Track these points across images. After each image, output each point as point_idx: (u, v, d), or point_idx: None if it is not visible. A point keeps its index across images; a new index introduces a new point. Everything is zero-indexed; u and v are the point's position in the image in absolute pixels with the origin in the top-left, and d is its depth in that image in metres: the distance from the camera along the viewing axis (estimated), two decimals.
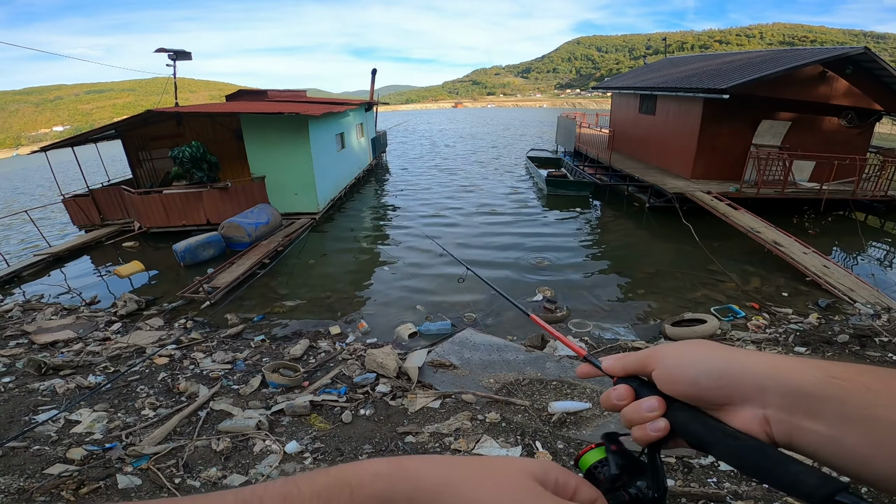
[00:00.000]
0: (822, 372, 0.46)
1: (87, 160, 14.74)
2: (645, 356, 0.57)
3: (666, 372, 0.54)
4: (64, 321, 7.57)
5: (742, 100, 12.26)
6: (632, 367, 0.58)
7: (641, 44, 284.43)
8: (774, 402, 0.47)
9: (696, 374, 0.52)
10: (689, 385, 0.52)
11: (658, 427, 0.52)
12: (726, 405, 0.51)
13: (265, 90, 19.86)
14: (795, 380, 0.47)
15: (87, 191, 13.84)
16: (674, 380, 0.53)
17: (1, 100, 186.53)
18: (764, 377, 0.48)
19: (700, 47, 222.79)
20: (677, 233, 11.35)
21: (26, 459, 3.79)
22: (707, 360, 0.52)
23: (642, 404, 0.54)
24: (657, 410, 0.53)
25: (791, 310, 7.34)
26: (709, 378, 0.51)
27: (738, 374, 0.50)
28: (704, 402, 0.52)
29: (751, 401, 0.49)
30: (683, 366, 0.53)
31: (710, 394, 0.51)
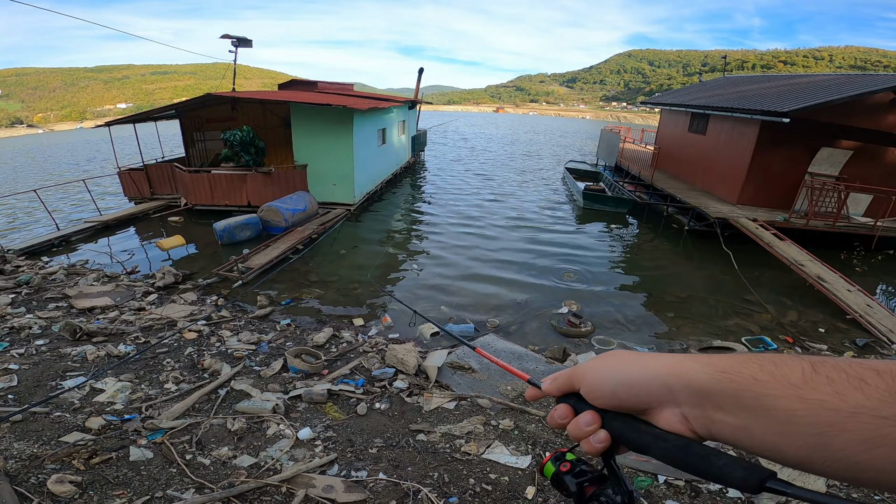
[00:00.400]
0: (712, 368, 0.49)
1: (144, 136, 15.43)
2: (569, 375, 0.61)
3: (589, 388, 0.58)
4: (104, 288, 7.93)
5: (802, 125, 11.67)
6: (563, 386, 0.61)
7: (698, 60, 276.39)
8: (684, 400, 0.51)
9: (613, 386, 0.55)
10: (611, 398, 0.56)
11: (600, 439, 0.56)
12: (649, 409, 0.54)
13: (315, 81, 20.34)
14: (693, 379, 0.50)
15: (141, 165, 14.53)
16: (597, 395, 0.57)
17: (74, 76, 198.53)
18: (668, 378, 0.51)
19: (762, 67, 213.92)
20: (715, 259, 10.97)
21: (45, 426, 3.89)
22: (619, 372, 0.56)
23: (580, 420, 0.58)
24: (594, 424, 0.57)
25: (826, 346, 7.13)
26: (623, 388, 0.55)
27: (647, 380, 0.53)
28: (630, 409, 0.55)
29: (667, 402, 0.52)
30: (601, 381, 0.57)
31: (630, 402, 0.55)
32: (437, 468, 3.65)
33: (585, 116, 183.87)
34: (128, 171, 14.31)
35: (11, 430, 3.77)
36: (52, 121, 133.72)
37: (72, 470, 3.30)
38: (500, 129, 64.17)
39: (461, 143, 40.02)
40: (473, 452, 3.88)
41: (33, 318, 6.44)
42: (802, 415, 0.41)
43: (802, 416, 0.41)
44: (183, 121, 16.39)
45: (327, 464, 3.59)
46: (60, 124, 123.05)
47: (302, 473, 3.37)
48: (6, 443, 3.58)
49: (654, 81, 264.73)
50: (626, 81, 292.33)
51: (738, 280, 9.62)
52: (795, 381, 0.43)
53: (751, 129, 12.88)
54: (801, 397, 0.42)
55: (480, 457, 3.84)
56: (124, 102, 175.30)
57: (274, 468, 3.49)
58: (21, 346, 5.56)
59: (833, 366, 0.43)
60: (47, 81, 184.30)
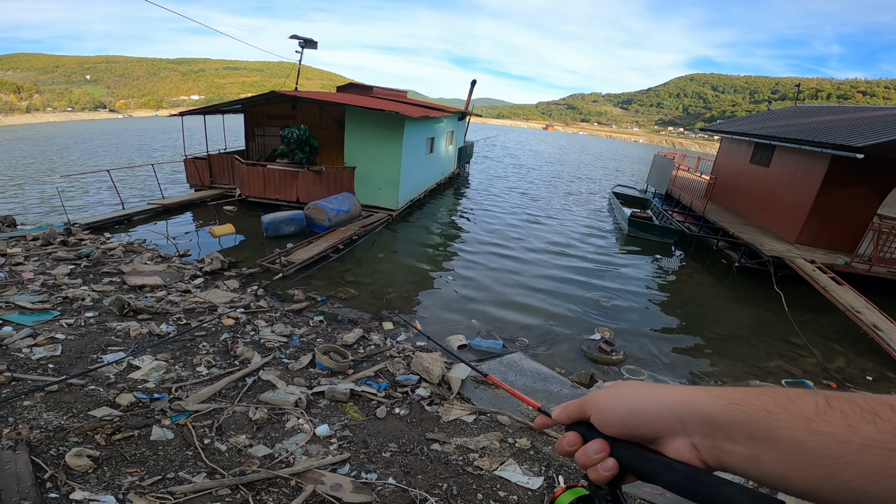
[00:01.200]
0: (724, 399, 0.50)
1: (211, 128, 16.34)
2: (581, 403, 0.62)
3: (600, 416, 0.59)
4: (156, 268, 8.41)
5: (876, 162, 10.89)
6: (573, 414, 0.62)
7: (767, 87, 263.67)
8: (695, 430, 0.52)
9: (624, 415, 0.57)
10: (622, 426, 0.57)
11: (608, 467, 0.57)
12: (658, 438, 0.55)
13: (371, 86, 20.93)
14: (704, 409, 0.51)
15: (205, 155, 15.39)
16: (607, 423, 0.58)
17: (156, 66, 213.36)
18: (679, 408, 0.53)
19: (839, 97, 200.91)
20: (763, 298, 10.41)
21: (78, 398, 4.07)
22: (630, 402, 0.57)
23: (588, 448, 0.59)
24: (602, 452, 0.58)
25: (872, 394, 6.60)
26: (634, 417, 0.56)
27: (657, 409, 0.54)
28: (640, 438, 0.56)
29: (677, 431, 0.53)
30: (612, 409, 0.58)
31: (640, 431, 0.56)
32: (447, 479, 3.63)
33: (638, 140, 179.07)
34: (192, 160, 15.22)
35: (45, 399, 3.97)
36: (132, 107, 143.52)
37: (93, 444, 3.42)
38: (549, 147, 63.56)
39: (507, 158, 39.90)
40: (486, 468, 3.84)
41: (87, 290, 6.88)
42: (813, 446, 0.43)
43: (813, 447, 0.43)
44: (247, 115, 17.33)
45: (339, 462, 3.64)
46: (139, 111, 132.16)
47: (313, 469, 3.44)
48: (36, 412, 3.76)
49: (717, 107, 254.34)
50: (686, 106, 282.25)
51: (785, 322, 9.10)
52: (808, 413, 0.44)
53: (819, 163, 12.13)
54: (814, 430, 0.43)
55: (492, 473, 3.79)
56: (197, 94, 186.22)
57: (287, 461, 3.58)
58: (71, 316, 5.92)
59: (847, 400, 0.45)
60: (132, 70, 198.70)
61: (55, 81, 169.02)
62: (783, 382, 6.78)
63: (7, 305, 5.90)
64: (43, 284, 6.84)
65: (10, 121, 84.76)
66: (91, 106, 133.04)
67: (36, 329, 5.35)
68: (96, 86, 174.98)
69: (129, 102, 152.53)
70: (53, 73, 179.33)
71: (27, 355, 4.75)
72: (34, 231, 9.56)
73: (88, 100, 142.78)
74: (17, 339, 5.05)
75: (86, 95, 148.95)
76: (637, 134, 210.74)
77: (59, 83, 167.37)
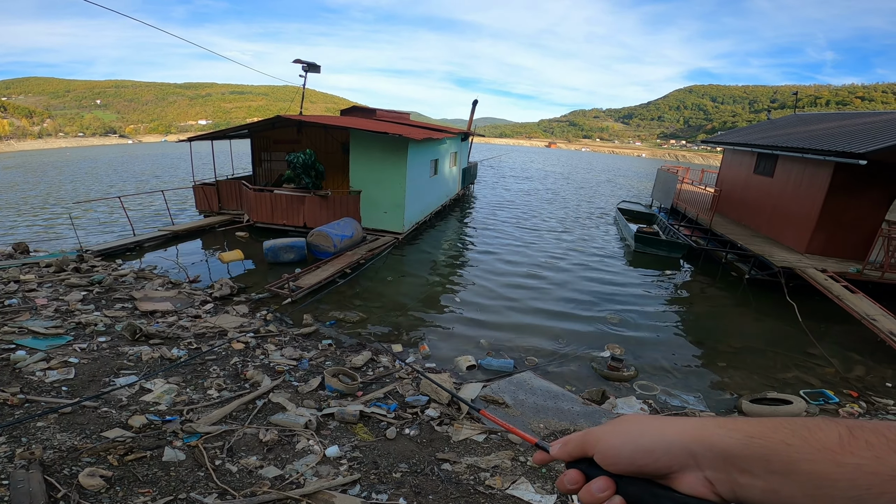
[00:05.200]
0: (740, 433, 0.49)
1: (218, 153, 16.64)
2: (581, 440, 0.60)
3: (604, 454, 0.57)
4: (167, 293, 8.52)
5: (881, 167, 10.84)
6: (574, 451, 0.60)
7: (765, 96, 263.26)
8: (708, 464, 0.50)
9: (631, 452, 0.54)
10: (629, 464, 0.54)
11: None
12: (668, 474, 0.53)
13: (375, 109, 21.28)
14: (718, 443, 0.49)
15: (214, 181, 15.67)
16: (613, 461, 0.56)
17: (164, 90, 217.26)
18: (691, 443, 0.51)
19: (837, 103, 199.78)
20: (776, 310, 10.29)
21: (91, 420, 4.12)
22: (637, 439, 0.55)
23: (592, 486, 0.56)
24: (608, 490, 0.55)
25: (893, 401, 6.64)
26: (642, 455, 0.53)
27: (666, 445, 0.52)
28: (648, 474, 0.54)
29: (689, 466, 0.51)
30: (618, 446, 0.56)
31: (649, 468, 0.53)
32: (458, 499, 3.60)
33: (641, 154, 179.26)
34: (201, 186, 15.47)
35: (58, 420, 4.03)
36: (142, 132, 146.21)
37: (105, 465, 3.46)
38: (554, 165, 63.76)
39: (511, 177, 40.06)
40: (497, 487, 3.80)
41: (100, 315, 7.00)
42: (838, 478, 0.41)
43: (838, 479, 0.41)
44: (253, 140, 17.64)
45: (350, 483, 3.63)
46: (148, 136, 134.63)
47: (324, 490, 3.43)
48: (49, 433, 3.82)
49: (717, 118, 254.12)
50: (686, 118, 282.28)
51: (800, 333, 8.99)
52: (831, 445, 0.43)
53: (823, 171, 12.09)
54: (838, 462, 0.42)
55: (504, 492, 3.76)
56: (205, 119, 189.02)
57: (297, 482, 3.57)
58: (84, 341, 6.02)
59: (872, 430, 0.43)
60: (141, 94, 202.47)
61: (66, 106, 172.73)
62: (801, 393, 6.68)
63: (21, 331, 6.00)
64: (56, 310, 6.95)
65: (23, 146, 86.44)
66: (101, 131, 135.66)
67: (49, 353, 5.43)
68: (106, 111, 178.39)
69: (138, 127, 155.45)
70: (64, 97, 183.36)
71: (41, 378, 4.83)
72: (47, 258, 9.74)
73: (99, 125, 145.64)
74: (31, 362, 5.14)
75: (96, 120, 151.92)
76: (640, 148, 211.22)
77: (69, 108, 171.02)
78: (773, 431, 0.47)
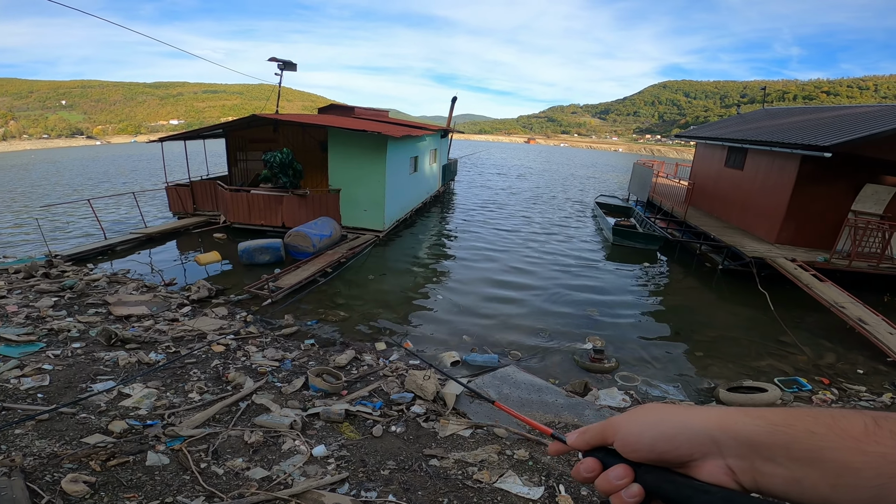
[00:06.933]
0: (764, 421, 0.49)
1: (191, 153, 16.24)
2: (601, 429, 0.60)
3: (624, 441, 0.57)
4: (142, 297, 8.32)
5: (845, 160, 11.25)
6: (593, 440, 0.60)
7: (735, 91, 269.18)
8: (730, 452, 0.50)
9: (652, 439, 0.55)
10: (649, 451, 0.55)
11: (632, 493, 0.54)
12: (689, 462, 0.53)
13: (353, 107, 21.08)
14: (742, 431, 0.50)
15: (187, 181, 15.31)
16: (633, 448, 0.56)
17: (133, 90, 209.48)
18: (714, 431, 0.51)
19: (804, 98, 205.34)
20: (749, 299, 10.60)
21: (69, 426, 4.04)
22: (658, 425, 0.55)
23: (610, 474, 0.56)
24: (625, 478, 0.55)
25: (864, 388, 6.86)
26: (664, 441, 0.54)
27: (689, 432, 0.53)
28: (667, 462, 0.54)
29: (710, 454, 0.52)
30: (638, 433, 0.56)
31: (669, 455, 0.54)
32: (447, 494, 3.63)
33: (618, 149, 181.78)
34: (174, 187, 15.11)
35: (36, 427, 3.94)
36: (110, 133, 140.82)
37: (88, 470, 3.40)
38: (533, 161, 64.25)
39: (491, 174, 40.22)
40: (485, 481, 3.85)
41: (73, 321, 6.80)
42: (861, 467, 0.42)
43: (861, 468, 0.42)
44: (228, 140, 17.27)
45: (338, 482, 3.62)
46: (117, 137, 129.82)
47: (312, 490, 3.42)
48: (28, 440, 3.74)
49: (690, 113, 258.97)
50: (661, 113, 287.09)
51: (773, 321, 9.28)
52: (856, 434, 0.44)
53: (791, 164, 12.48)
54: (862, 450, 0.42)
55: (492, 485, 3.80)
56: (177, 119, 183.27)
57: (285, 482, 3.55)
58: (58, 347, 5.86)
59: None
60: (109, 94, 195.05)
61: (30, 107, 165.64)
62: (775, 380, 6.87)
63: None
64: (27, 317, 6.73)
65: None
66: (68, 132, 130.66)
67: (22, 361, 5.27)
68: (72, 111, 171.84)
69: (106, 128, 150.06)
70: (28, 98, 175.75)
71: (15, 386, 4.70)
72: (15, 264, 9.40)
73: (65, 126, 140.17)
74: (5, 370, 4.98)
75: (62, 121, 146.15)
76: (616, 143, 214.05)
77: (34, 109, 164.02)
78: (796, 420, 0.47)
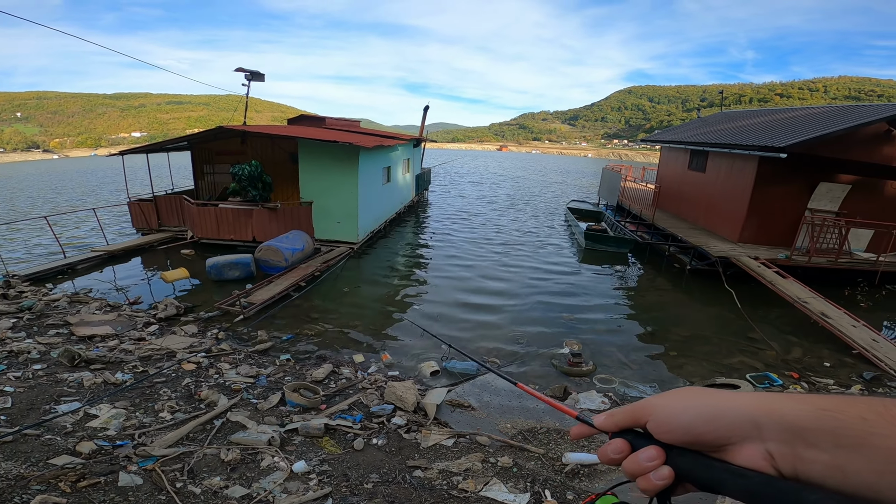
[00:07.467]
0: (811, 405, 0.48)
1: (155, 166, 15.77)
2: (635, 409, 0.58)
3: (659, 422, 0.56)
4: (105, 317, 7.98)
5: (800, 159, 11.74)
6: (623, 421, 0.59)
7: (696, 95, 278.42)
8: (773, 436, 0.49)
9: (690, 420, 0.53)
10: (685, 432, 0.53)
11: (663, 475, 0.53)
12: (726, 445, 0.52)
13: (324, 117, 20.91)
14: (788, 415, 0.48)
15: (151, 196, 14.81)
16: (668, 428, 0.55)
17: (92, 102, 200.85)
18: (757, 414, 0.50)
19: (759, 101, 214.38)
20: (718, 298, 10.93)
21: (35, 447, 3.88)
22: (698, 406, 0.54)
23: (640, 455, 0.55)
24: (657, 459, 0.54)
25: (833, 380, 7.12)
26: (703, 422, 0.52)
27: (731, 414, 0.51)
28: (702, 445, 0.53)
29: (750, 438, 0.50)
30: (676, 414, 0.55)
31: (706, 437, 0.52)
32: None
33: (588, 154, 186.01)
34: (137, 202, 14.60)
35: (0, 450, 3.77)
36: (68, 146, 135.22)
37: (57, 492, 3.28)
38: (506, 168, 64.92)
39: (467, 183, 40.36)
40: (471, 489, 3.82)
41: (33, 342, 6.51)
42: None
43: None
44: (194, 152, 16.78)
45: (321, 497, 3.54)
46: (76, 150, 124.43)
47: None
48: None
49: (655, 118, 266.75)
50: (627, 118, 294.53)
51: (741, 319, 9.58)
52: None
53: (749, 165, 12.96)
54: None
55: (478, 494, 3.77)
56: (139, 131, 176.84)
57: (266, 500, 3.45)
58: (18, 369, 5.59)
59: None
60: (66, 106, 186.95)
61: None
62: (747, 377, 7.04)
63: None
64: None
65: None
66: (23, 146, 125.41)
67: None
68: (28, 124, 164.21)
69: (64, 141, 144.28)
70: None
71: None
72: None
73: (21, 139, 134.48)
74: None
75: (17, 134, 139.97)
76: (586, 149, 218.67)
77: None
78: (848, 406, 0.46)
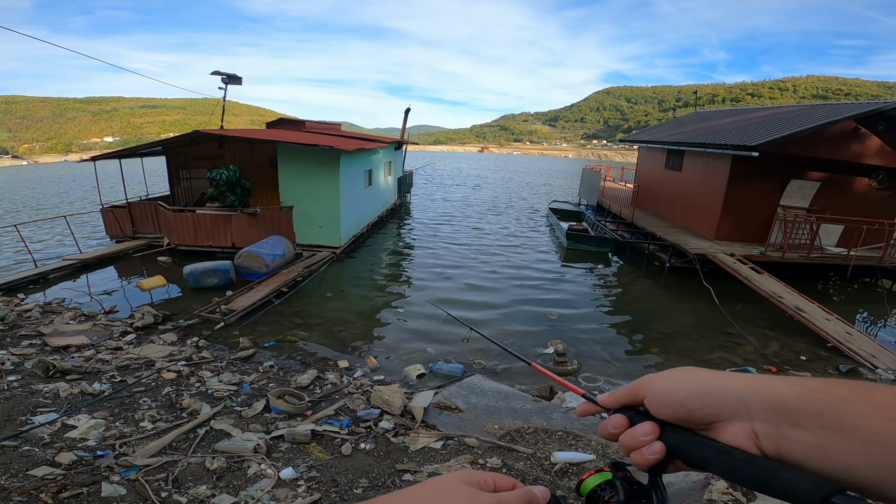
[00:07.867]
0: (800, 386, 0.49)
1: (129, 172, 15.37)
2: (635, 385, 0.61)
3: (656, 397, 0.58)
4: (80, 327, 7.76)
5: (771, 158, 12.07)
6: (624, 398, 0.61)
7: (672, 95, 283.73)
8: (759, 415, 0.50)
9: (685, 395, 0.55)
10: (679, 407, 0.55)
11: (655, 450, 0.55)
12: (715, 422, 0.54)
13: (303, 120, 20.65)
14: (776, 394, 0.50)
15: (125, 203, 14.42)
16: (664, 404, 0.57)
17: (62, 106, 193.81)
18: (747, 393, 0.52)
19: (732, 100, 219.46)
20: (697, 295, 11.16)
21: (12, 459, 3.77)
22: (693, 383, 0.56)
23: (637, 430, 0.57)
24: (651, 434, 0.56)
25: (809, 374, 7.27)
26: (696, 398, 0.54)
27: (723, 392, 0.53)
28: (695, 422, 0.55)
29: (738, 416, 0.52)
30: (672, 390, 0.57)
31: (698, 413, 0.54)
32: None
33: (568, 155, 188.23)
34: (111, 209, 14.18)
35: None
36: (38, 152, 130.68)
37: (39, 503, 3.21)
38: (488, 170, 65.17)
39: (448, 185, 40.44)
40: None
41: (6, 354, 6.31)
42: (888, 434, 0.42)
43: (890, 435, 0.42)
44: (169, 157, 16.39)
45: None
46: (45, 156, 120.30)
47: None
48: None
49: (632, 118, 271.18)
50: (606, 119, 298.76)
51: (719, 314, 9.79)
52: (887, 402, 0.44)
53: (723, 164, 13.29)
54: (892, 418, 0.42)
55: None
56: (111, 136, 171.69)
57: None
58: None
59: None
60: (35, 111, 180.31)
61: None
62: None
63: None
64: None
65: None
66: None
67: None
68: None
69: (33, 147, 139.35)
70: None
71: None
72: None
73: None
74: None
75: None
76: (566, 150, 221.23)
77: None
78: (832, 387, 0.48)
